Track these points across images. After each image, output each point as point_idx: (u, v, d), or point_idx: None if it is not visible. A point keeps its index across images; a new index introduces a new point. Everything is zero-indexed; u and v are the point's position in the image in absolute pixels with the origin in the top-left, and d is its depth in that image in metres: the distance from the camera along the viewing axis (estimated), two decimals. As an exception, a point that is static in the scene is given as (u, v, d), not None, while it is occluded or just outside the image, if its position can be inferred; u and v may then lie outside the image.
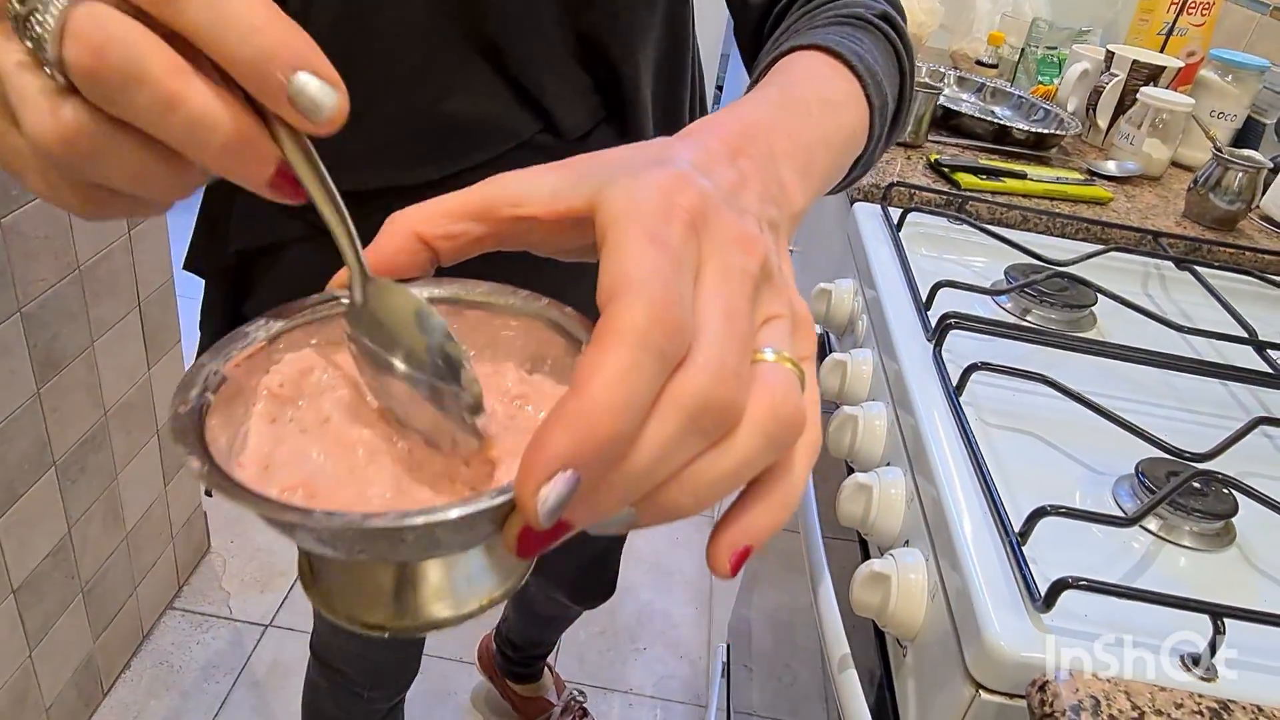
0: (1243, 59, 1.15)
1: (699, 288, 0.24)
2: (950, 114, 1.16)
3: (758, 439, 0.24)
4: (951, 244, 0.91)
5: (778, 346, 0.25)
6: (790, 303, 0.27)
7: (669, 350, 0.22)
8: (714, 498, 0.24)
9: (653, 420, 0.22)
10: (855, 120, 0.40)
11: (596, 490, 0.22)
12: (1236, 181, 0.99)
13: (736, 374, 0.23)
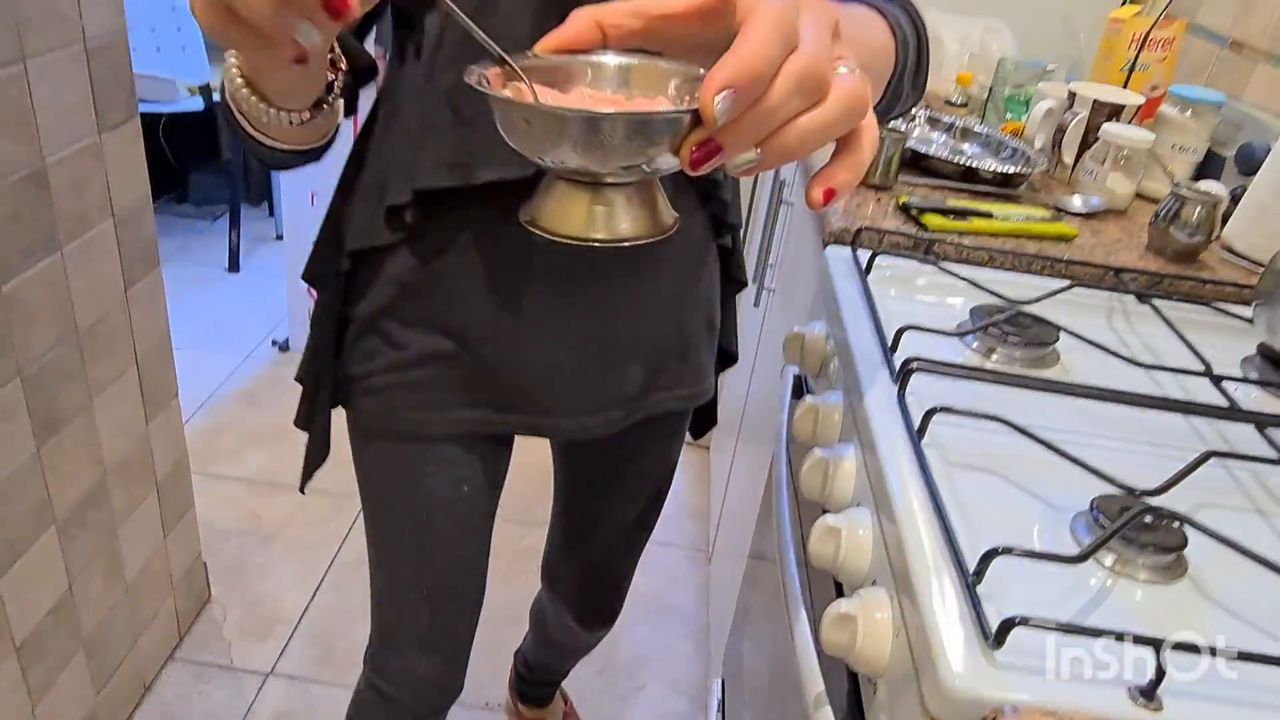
0: (1199, 95, 1.19)
1: (802, 19, 0.40)
2: (919, 156, 1.20)
3: (839, 106, 0.41)
4: (920, 285, 0.94)
5: (848, 65, 0.42)
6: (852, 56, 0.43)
7: (789, 38, 0.38)
8: (812, 145, 0.40)
9: (777, 79, 0.38)
10: (884, 41, 0.61)
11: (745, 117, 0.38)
12: (1195, 215, 1.02)
13: (825, 63, 0.40)
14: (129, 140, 1.23)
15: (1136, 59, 1.39)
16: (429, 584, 0.91)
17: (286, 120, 0.53)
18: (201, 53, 2.48)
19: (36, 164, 1.06)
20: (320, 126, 0.57)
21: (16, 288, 1.06)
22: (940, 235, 1.00)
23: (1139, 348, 0.87)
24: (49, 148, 1.08)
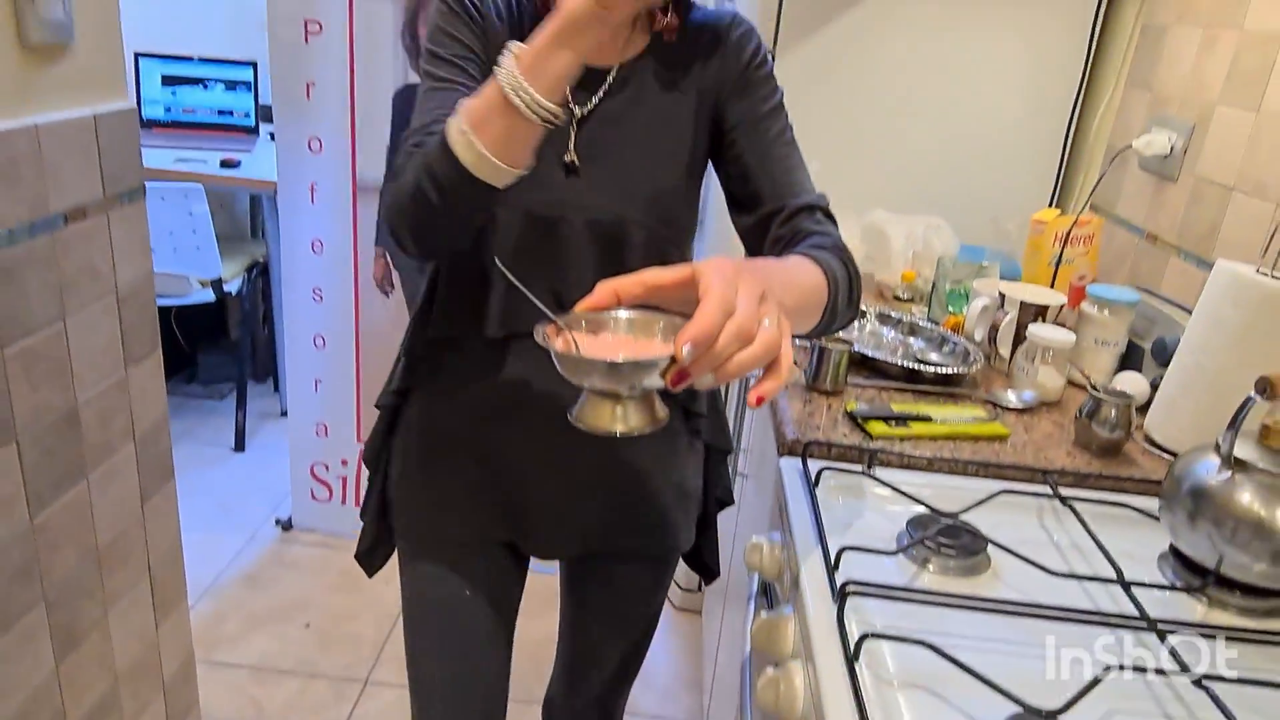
0: (1115, 295, 1.33)
1: (739, 294, 0.64)
2: (867, 358, 1.32)
3: (761, 348, 0.64)
4: (864, 494, 1.04)
5: (771, 319, 0.65)
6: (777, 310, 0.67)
7: (729, 308, 0.63)
8: (745, 372, 0.64)
9: (721, 335, 0.62)
10: (816, 282, 0.83)
11: (701, 358, 0.62)
12: (1112, 414, 1.13)
13: (753, 321, 0.64)
14: (151, 370, 1.36)
15: (1061, 254, 1.54)
16: (440, 676, 1.09)
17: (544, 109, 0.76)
18: (214, 251, 2.67)
19: (70, 405, 1.18)
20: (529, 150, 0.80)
21: (46, 519, 1.15)
22: (884, 444, 1.11)
23: (1064, 550, 0.96)
24: (81, 388, 1.20)
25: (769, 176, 0.95)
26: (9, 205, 1.04)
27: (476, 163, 0.78)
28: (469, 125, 0.77)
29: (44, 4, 1.06)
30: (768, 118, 0.96)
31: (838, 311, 0.87)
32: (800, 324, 0.84)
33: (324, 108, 2.09)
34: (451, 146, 0.78)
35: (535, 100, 0.76)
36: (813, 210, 0.94)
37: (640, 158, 0.94)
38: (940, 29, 1.79)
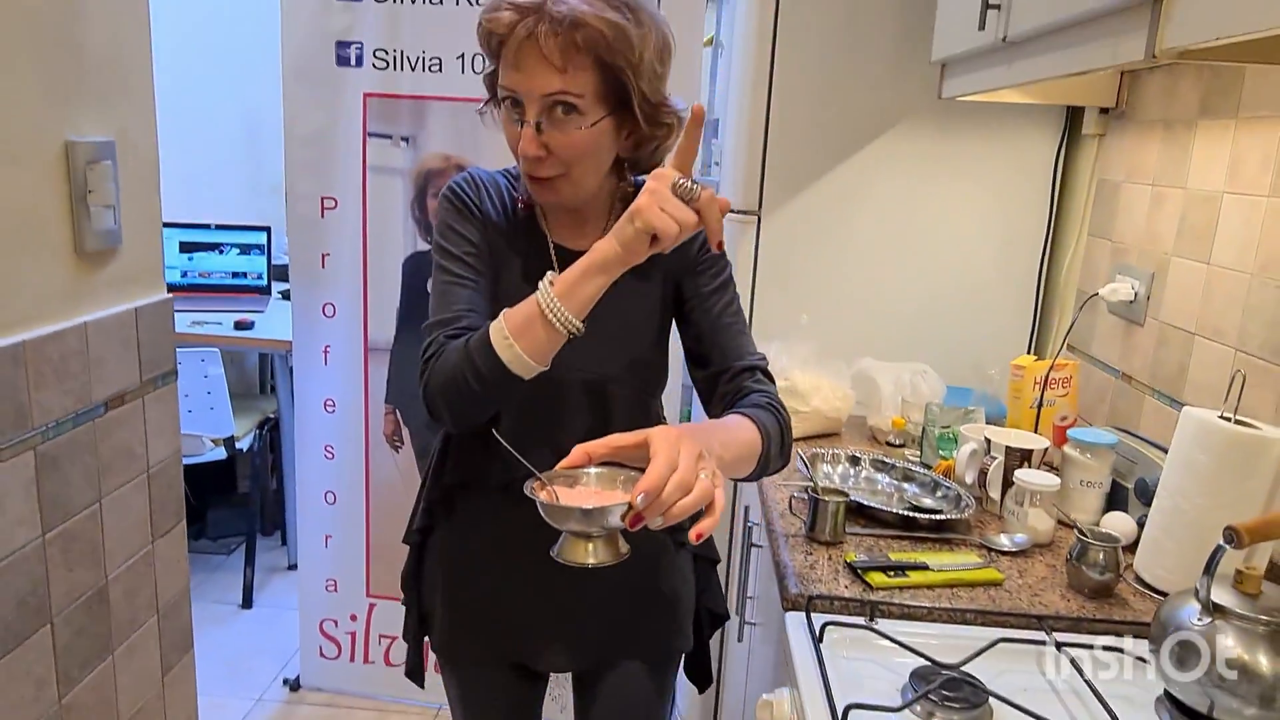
0: (1094, 438, 1.40)
1: (681, 454, 0.84)
2: (864, 507, 1.38)
3: (698, 495, 0.84)
4: (869, 646, 1.07)
5: (706, 473, 0.86)
6: (712, 465, 0.88)
7: (674, 465, 0.83)
8: (688, 514, 0.84)
9: (666, 487, 0.82)
10: (751, 438, 1.02)
11: (651, 505, 0.82)
12: (1101, 556, 1.18)
13: (692, 475, 0.84)
14: (176, 540, 1.41)
15: (1042, 397, 1.62)
16: None
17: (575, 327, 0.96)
18: (227, 412, 2.76)
19: (100, 582, 1.23)
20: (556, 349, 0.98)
21: (73, 698, 1.18)
22: (884, 595, 1.15)
23: (1063, 697, 1.00)
24: (111, 565, 1.25)
25: (717, 343, 1.14)
26: (58, 398, 1.12)
27: (514, 361, 0.97)
28: (511, 332, 0.97)
29: (98, 216, 1.17)
30: (716, 293, 1.15)
31: (770, 459, 1.06)
32: (738, 471, 1.04)
33: (338, 276, 2.22)
34: (495, 347, 0.97)
35: (567, 319, 0.95)
36: (753, 371, 1.12)
37: (620, 329, 1.12)
38: (914, 187, 1.93)
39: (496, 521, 1.14)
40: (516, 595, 1.17)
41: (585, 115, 0.99)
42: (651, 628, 1.22)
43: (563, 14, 0.95)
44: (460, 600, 1.21)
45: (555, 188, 1.05)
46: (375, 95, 2.13)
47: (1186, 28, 0.90)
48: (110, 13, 1.19)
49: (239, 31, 3.33)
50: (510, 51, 0.98)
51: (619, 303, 1.03)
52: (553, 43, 0.95)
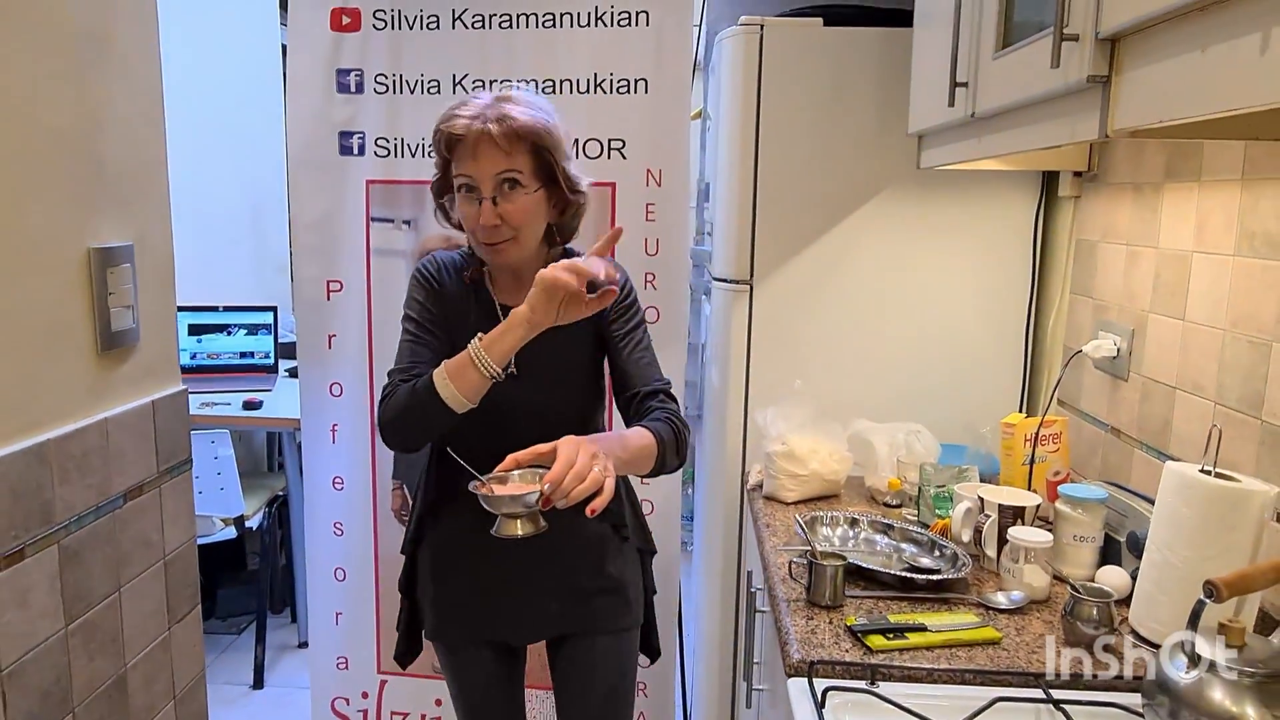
0: (1084, 493, 1.43)
1: (580, 452, 1.18)
2: (863, 569, 1.41)
3: (590, 483, 1.17)
4: (870, 710, 1.10)
5: (599, 466, 1.19)
6: (604, 460, 1.21)
7: (572, 461, 1.17)
8: (583, 495, 1.16)
9: (567, 477, 1.15)
10: (646, 443, 1.33)
11: (555, 490, 1.15)
12: (1094, 611, 1.21)
13: (587, 466, 1.17)
14: (191, 625, 1.44)
15: (1034, 454, 1.66)
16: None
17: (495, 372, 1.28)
18: (237, 492, 2.80)
19: (120, 670, 1.26)
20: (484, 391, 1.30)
21: (93, 788, 1.20)
22: (884, 658, 1.18)
23: (1063, 753, 1.02)
24: (130, 654, 1.28)
25: (629, 373, 1.44)
26: (80, 493, 1.16)
27: (450, 398, 1.29)
28: (449, 375, 1.29)
29: (118, 316, 1.23)
30: (627, 335, 1.45)
31: (666, 458, 1.36)
32: (638, 467, 1.35)
33: (344, 356, 2.28)
34: (436, 386, 1.29)
35: (489, 365, 1.28)
36: (657, 394, 1.42)
37: (557, 366, 1.44)
38: (900, 252, 2.00)
39: (472, 526, 1.34)
40: (491, 583, 1.48)
41: (526, 188, 1.34)
42: (604, 604, 1.51)
43: (503, 114, 1.31)
44: (445, 592, 1.51)
45: (505, 251, 1.37)
46: (377, 182, 2.21)
47: (1134, 111, 0.97)
48: (129, 126, 1.27)
49: (246, 123, 3.46)
50: (467, 147, 1.32)
51: (554, 342, 1.33)
52: (499, 135, 1.30)
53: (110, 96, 1.23)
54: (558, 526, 1.26)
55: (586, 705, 1.54)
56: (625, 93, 2.08)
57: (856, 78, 1.95)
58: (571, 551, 1.47)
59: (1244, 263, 1.33)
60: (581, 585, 1.50)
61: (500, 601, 1.49)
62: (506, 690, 1.58)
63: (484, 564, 1.46)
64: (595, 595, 1.51)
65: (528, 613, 1.50)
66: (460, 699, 1.59)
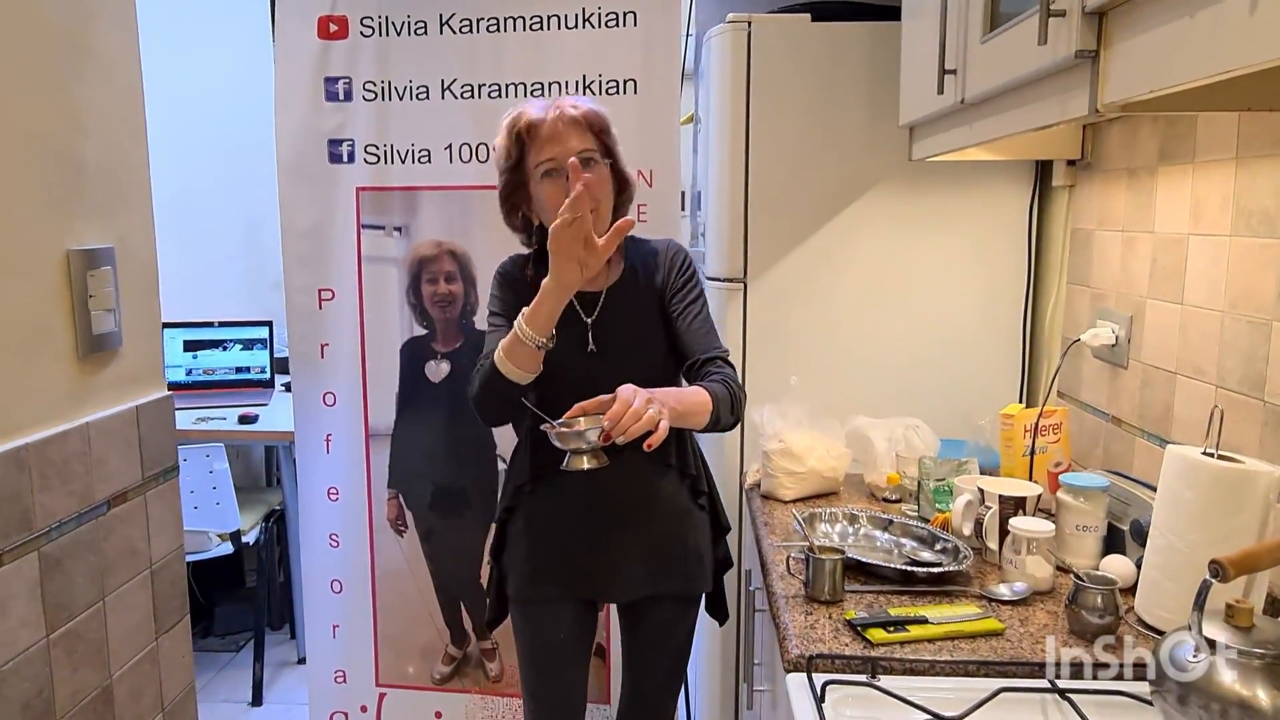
0: (1085, 481, 1.41)
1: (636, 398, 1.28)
2: (863, 564, 1.38)
3: (646, 422, 1.26)
4: (871, 703, 1.07)
5: (654, 409, 1.28)
6: (659, 406, 1.29)
7: (628, 405, 1.27)
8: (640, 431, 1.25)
9: (625, 416, 1.25)
10: (702, 399, 1.42)
11: (615, 427, 1.25)
12: (1099, 600, 1.19)
13: (642, 409, 1.26)
14: (180, 636, 1.42)
15: (1034, 444, 1.63)
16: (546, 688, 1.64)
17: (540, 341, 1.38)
18: (233, 506, 2.77)
19: (105, 682, 1.23)
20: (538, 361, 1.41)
21: (78, 802, 1.18)
22: (885, 651, 1.15)
23: (1070, 743, 0.99)
24: (115, 664, 1.26)
25: (689, 342, 1.54)
26: (61, 499, 1.14)
27: (509, 372, 1.41)
28: (504, 353, 1.41)
29: (99, 319, 1.21)
30: (691, 305, 1.56)
31: (721, 415, 1.44)
32: (693, 420, 1.42)
33: (337, 364, 2.26)
34: (496, 363, 1.42)
35: (532, 336, 1.38)
36: (715, 359, 1.52)
37: (632, 340, 1.55)
38: (895, 246, 1.98)
39: (566, 495, 1.54)
40: (582, 544, 1.56)
41: (598, 164, 1.46)
42: (680, 570, 1.59)
43: (569, 104, 1.48)
44: (538, 552, 1.59)
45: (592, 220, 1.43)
46: (368, 189, 2.20)
47: (1124, 83, 0.95)
48: (108, 127, 1.25)
49: (235, 134, 3.44)
50: (544, 132, 1.45)
51: (626, 320, 1.53)
52: (574, 118, 1.46)
53: (90, 99, 1.21)
54: (647, 497, 1.53)
55: (658, 662, 1.65)
56: (615, 94, 2.07)
57: (846, 73, 1.94)
58: (660, 520, 1.57)
59: (1241, 242, 1.31)
60: (666, 551, 1.58)
61: (590, 561, 1.56)
62: (576, 653, 1.64)
63: (577, 527, 1.56)
64: (677, 562, 1.59)
65: (615, 573, 1.57)
66: (532, 658, 1.63)
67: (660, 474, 1.56)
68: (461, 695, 2.32)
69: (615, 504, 1.52)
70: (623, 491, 1.52)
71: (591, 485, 1.45)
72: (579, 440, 1.31)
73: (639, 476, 1.52)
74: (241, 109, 3.44)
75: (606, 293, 1.54)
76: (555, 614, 1.60)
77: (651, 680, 1.68)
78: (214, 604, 3.32)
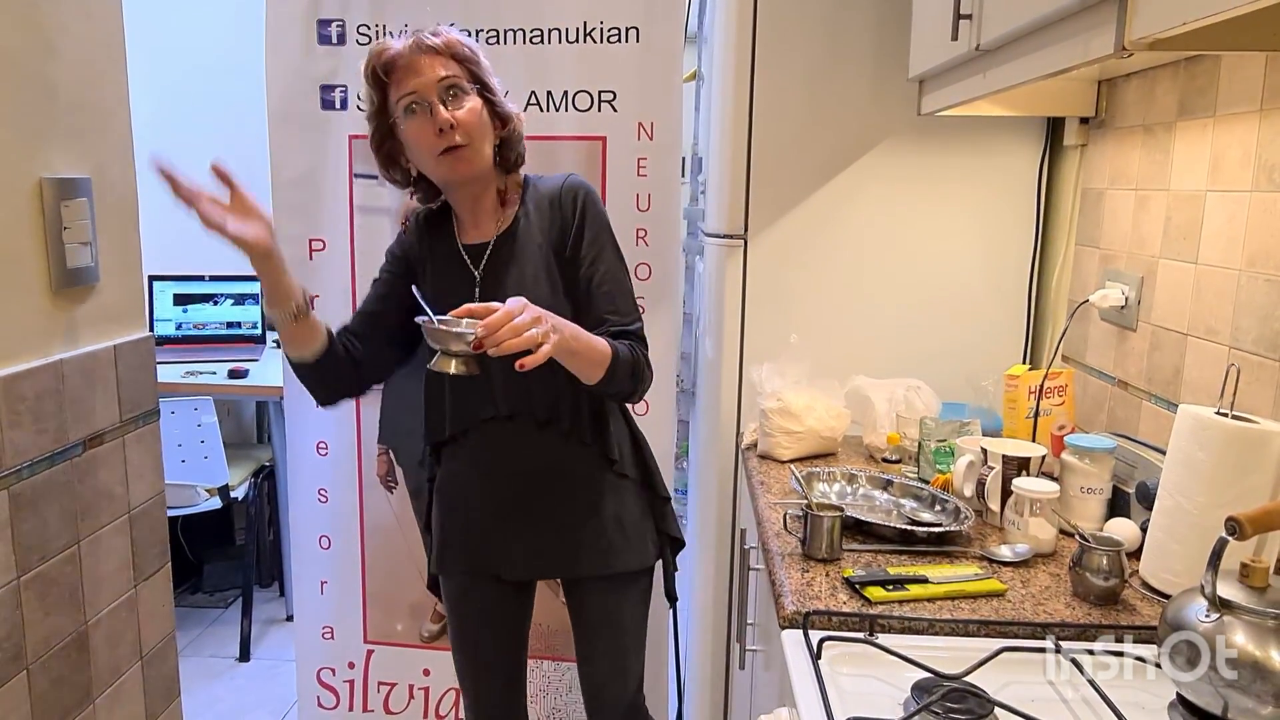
0: (1091, 443, 1.37)
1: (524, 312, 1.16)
2: (861, 523, 1.35)
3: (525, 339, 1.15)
4: (868, 661, 1.04)
5: (539, 330, 1.16)
6: (548, 326, 1.18)
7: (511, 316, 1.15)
8: (515, 347, 1.14)
9: (503, 328, 1.14)
10: (603, 348, 1.30)
11: (488, 337, 1.13)
12: (1104, 562, 1.15)
13: (524, 326, 1.15)
14: (160, 585, 1.38)
15: (1038, 406, 1.59)
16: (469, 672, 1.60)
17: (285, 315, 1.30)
18: (221, 461, 2.73)
19: (80, 628, 1.20)
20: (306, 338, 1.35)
21: (52, 749, 1.15)
22: (883, 609, 1.12)
23: (1072, 706, 0.96)
24: (91, 610, 1.22)
25: (594, 304, 1.39)
26: (32, 438, 1.10)
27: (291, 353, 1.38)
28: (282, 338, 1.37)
29: (73, 252, 1.16)
30: (595, 263, 1.40)
31: (617, 375, 1.32)
32: (589, 369, 1.30)
33: (328, 317, 2.17)
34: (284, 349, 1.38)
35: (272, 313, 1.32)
36: (627, 335, 1.38)
37: (522, 291, 1.32)
38: (900, 204, 1.93)
39: (471, 462, 1.46)
40: (488, 518, 1.47)
41: (467, 94, 1.33)
42: (600, 543, 1.47)
43: (426, 34, 1.33)
44: (448, 525, 1.52)
45: (464, 159, 1.32)
46: (360, 137, 2.12)
47: (1153, 16, 0.90)
48: (84, 51, 1.19)
49: (231, 86, 3.36)
50: (403, 65, 1.31)
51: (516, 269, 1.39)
52: (432, 46, 1.31)
53: (63, 22, 1.15)
54: (548, 462, 1.41)
55: (592, 649, 1.55)
56: (616, 42, 2.00)
57: (853, 24, 1.88)
58: (562, 488, 1.46)
59: (1262, 198, 1.26)
60: (574, 524, 1.46)
61: (495, 535, 1.47)
62: (501, 631, 1.56)
63: (482, 499, 1.47)
64: (590, 534, 1.47)
65: (519, 548, 1.47)
66: (453, 632, 1.58)
67: (575, 452, 1.44)
68: (449, 654, 2.29)
69: (522, 479, 1.43)
70: (531, 467, 1.43)
71: (499, 457, 1.42)
72: (453, 340, 1.18)
73: (549, 451, 1.42)
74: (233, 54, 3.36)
75: (495, 241, 1.40)
76: (473, 589, 1.53)
77: (594, 664, 1.57)
78: (203, 561, 3.29)
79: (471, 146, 1.32)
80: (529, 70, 2.03)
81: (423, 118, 1.30)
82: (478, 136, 1.33)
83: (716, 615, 2.06)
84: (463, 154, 1.31)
